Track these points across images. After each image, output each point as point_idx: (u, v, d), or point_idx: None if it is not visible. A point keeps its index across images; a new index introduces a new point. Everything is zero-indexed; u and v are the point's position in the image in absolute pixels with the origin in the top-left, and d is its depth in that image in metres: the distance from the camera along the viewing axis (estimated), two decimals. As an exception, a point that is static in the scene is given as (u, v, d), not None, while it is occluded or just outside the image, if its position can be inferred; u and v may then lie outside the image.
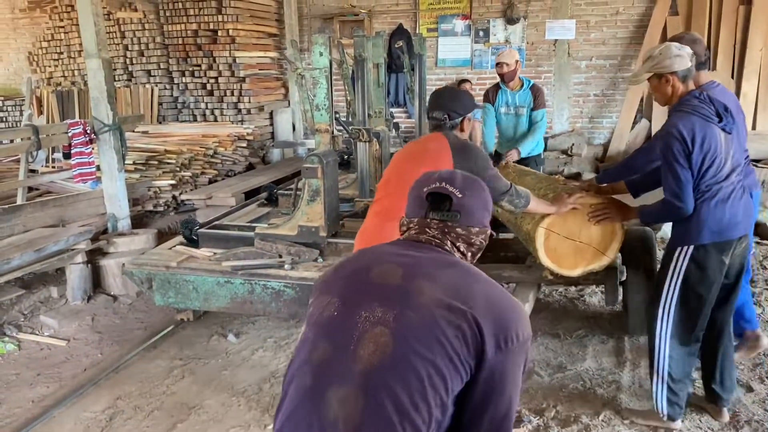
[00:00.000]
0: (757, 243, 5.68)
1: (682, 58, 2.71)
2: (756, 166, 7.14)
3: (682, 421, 3.00)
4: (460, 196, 1.57)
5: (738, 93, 7.86)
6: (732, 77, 7.93)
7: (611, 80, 8.70)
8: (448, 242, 1.57)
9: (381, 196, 2.88)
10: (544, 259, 3.18)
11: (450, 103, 2.89)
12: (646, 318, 3.03)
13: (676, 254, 2.79)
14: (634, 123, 8.47)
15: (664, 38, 8.11)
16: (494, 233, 1.80)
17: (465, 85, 8.68)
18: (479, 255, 1.66)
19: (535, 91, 4.99)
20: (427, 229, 1.57)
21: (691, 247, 2.74)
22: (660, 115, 8.16)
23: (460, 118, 2.88)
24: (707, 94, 2.75)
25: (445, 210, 1.58)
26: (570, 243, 3.18)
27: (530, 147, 4.87)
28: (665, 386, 2.90)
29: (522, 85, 5.01)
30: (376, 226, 2.75)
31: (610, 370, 3.62)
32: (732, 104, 2.99)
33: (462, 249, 1.59)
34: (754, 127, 7.85)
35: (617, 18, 8.49)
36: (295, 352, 1.51)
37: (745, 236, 2.85)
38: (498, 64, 5.00)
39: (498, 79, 5.11)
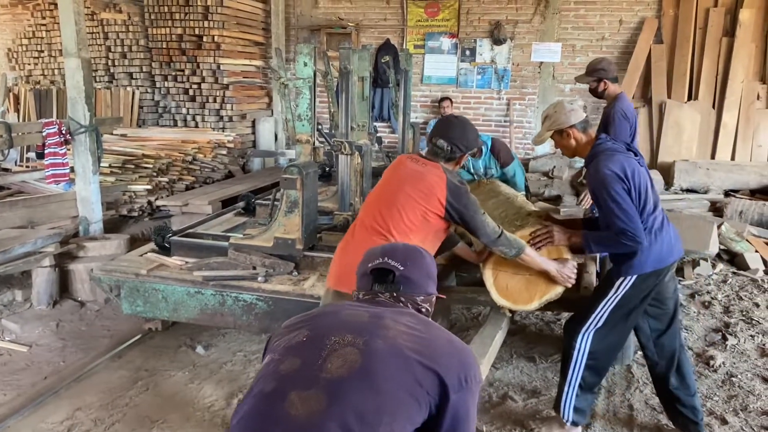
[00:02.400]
0: (734, 273, 5.70)
1: (575, 111, 2.89)
2: (734, 196, 7.21)
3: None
4: (402, 269, 1.70)
5: (718, 123, 7.97)
6: (713, 107, 8.03)
7: (594, 105, 8.74)
8: (401, 304, 1.70)
9: (371, 211, 2.78)
10: (498, 299, 3.06)
11: (456, 137, 2.79)
12: (566, 330, 3.06)
13: (618, 283, 2.86)
14: (616, 148, 8.50)
15: (648, 65, 8.21)
16: (443, 296, 1.91)
17: (445, 102, 8.68)
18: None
19: (496, 152, 4.90)
20: (380, 294, 1.71)
21: (634, 277, 2.83)
22: (642, 142, 8.22)
23: (461, 154, 2.82)
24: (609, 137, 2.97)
25: (389, 282, 1.71)
26: (520, 277, 3.05)
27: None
28: (574, 393, 3.00)
29: (482, 151, 4.89)
30: (365, 239, 2.65)
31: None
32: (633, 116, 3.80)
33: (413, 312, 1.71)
34: (733, 158, 7.95)
35: (603, 44, 8.57)
36: (257, 375, 1.53)
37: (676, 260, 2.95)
38: None
39: None
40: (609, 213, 2.72)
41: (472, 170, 4.95)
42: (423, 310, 1.73)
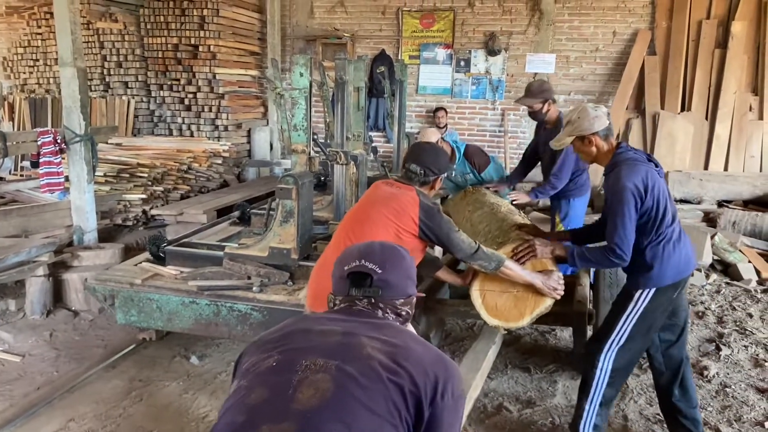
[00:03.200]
0: (727, 283, 5.72)
1: (599, 118, 2.82)
2: (727, 207, 7.25)
3: None
4: (380, 271, 1.61)
5: (711, 134, 8.03)
6: (706, 118, 8.08)
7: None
8: (379, 312, 1.61)
9: (346, 230, 2.79)
10: (488, 319, 3.01)
11: (429, 161, 2.85)
12: (587, 350, 3.02)
13: (637, 296, 2.82)
14: (610, 159, 8.53)
15: (641, 77, 8.27)
16: (422, 295, 1.88)
17: (440, 112, 8.71)
18: (410, 320, 1.71)
19: (470, 156, 4.95)
20: (357, 301, 1.62)
21: (653, 290, 2.79)
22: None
23: (434, 177, 2.86)
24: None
25: (366, 287, 1.61)
26: (508, 295, 3.01)
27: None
28: (594, 412, 2.95)
29: (455, 156, 4.92)
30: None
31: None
32: None
33: (391, 318, 1.63)
34: (726, 168, 7.99)
35: (597, 55, 8.62)
36: (225, 401, 1.46)
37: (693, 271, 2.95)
38: None
39: None
40: (612, 224, 2.73)
41: (451, 177, 4.98)
42: (403, 313, 1.66)
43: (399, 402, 1.36)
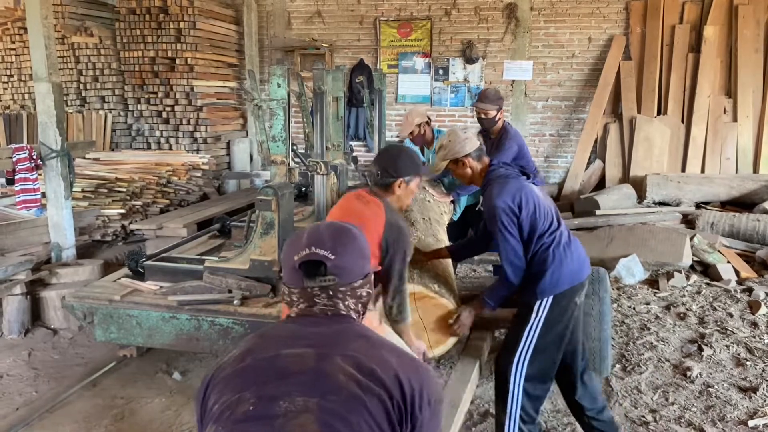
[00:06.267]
0: (707, 284, 5.78)
1: (469, 140, 2.97)
2: (705, 208, 7.34)
3: None
4: (332, 257, 1.49)
5: (687, 137, 8.13)
6: (682, 121, 8.19)
7: (566, 121, 8.88)
8: (341, 304, 1.51)
9: None
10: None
11: (387, 163, 2.77)
12: (497, 366, 2.99)
13: (536, 307, 2.82)
14: (589, 163, 8.62)
15: (618, 81, 8.37)
16: (378, 268, 1.81)
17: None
18: (370, 302, 1.63)
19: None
20: (316, 299, 1.50)
21: (551, 298, 2.80)
22: (614, 157, 8.35)
23: (391, 180, 2.75)
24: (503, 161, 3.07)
25: (320, 275, 1.49)
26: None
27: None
28: (516, 425, 2.91)
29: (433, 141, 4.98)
30: None
31: (565, 412, 3.56)
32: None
33: (353, 306, 1.53)
34: (702, 171, 8.10)
35: (573, 61, 8.71)
36: None
37: (588, 276, 2.97)
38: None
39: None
40: (499, 241, 2.82)
41: (429, 162, 5.00)
42: (364, 294, 1.55)
43: (384, 424, 1.32)
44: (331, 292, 1.50)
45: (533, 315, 2.82)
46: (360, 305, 1.56)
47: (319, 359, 1.38)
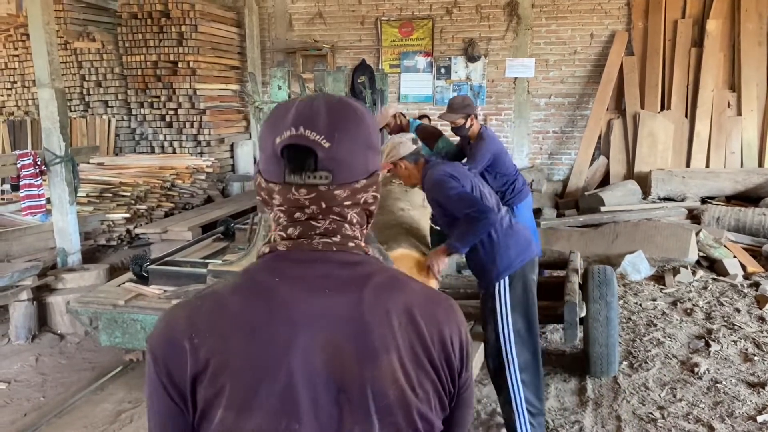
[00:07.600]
0: (714, 279, 5.76)
1: (404, 144, 3.24)
2: (710, 203, 7.31)
3: None
4: (327, 146, 1.00)
5: (692, 132, 8.10)
6: (686, 116, 8.16)
7: (570, 118, 8.86)
8: (346, 226, 1.05)
9: None
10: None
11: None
12: (489, 369, 3.11)
13: (496, 292, 2.99)
14: (593, 160, 8.60)
15: (620, 77, 8.33)
16: (390, 166, 1.63)
17: (424, 120, 8.71)
18: (376, 211, 1.13)
19: (420, 133, 5.00)
20: (313, 222, 1.03)
21: (506, 279, 2.98)
22: (618, 153, 8.33)
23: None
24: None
25: (310, 170, 1.00)
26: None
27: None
28: (527, 420, 3.01)
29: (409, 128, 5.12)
30: None
31: (572, 410, 3.57)
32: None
33: (354, 219, 1.07)
34: (707, 165, 8.06)
35: (575, 57, 8.68)
36: None
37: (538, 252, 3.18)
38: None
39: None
40: (452, 208, 2.98)
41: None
42: (370, 200, 1.08)
43: (439, 395, 1.04)
44: (323, 201, 1.03)
45: (497, 301, 2.99)
46: (365, 216, 1.10)
47: (360, 358, 0.97)
